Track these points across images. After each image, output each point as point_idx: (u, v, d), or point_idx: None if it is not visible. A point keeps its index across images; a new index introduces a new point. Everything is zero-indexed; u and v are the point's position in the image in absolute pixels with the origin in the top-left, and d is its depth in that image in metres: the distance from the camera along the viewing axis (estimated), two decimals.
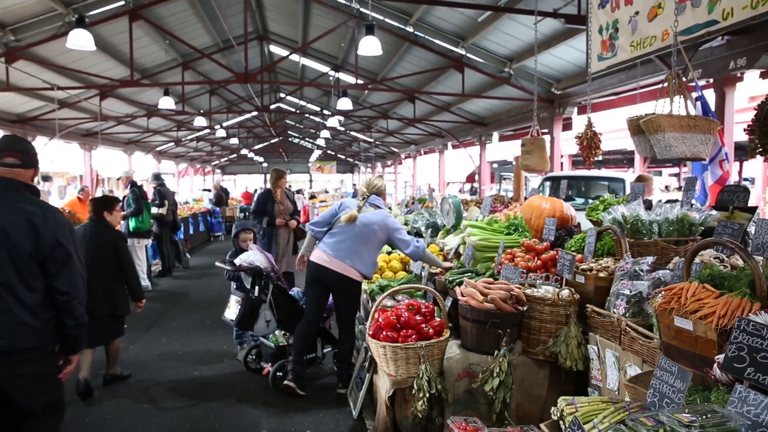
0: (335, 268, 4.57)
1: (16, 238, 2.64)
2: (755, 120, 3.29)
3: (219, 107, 20.22)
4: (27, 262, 2.65)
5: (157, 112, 15.61)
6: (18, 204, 2.70)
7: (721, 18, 4.43)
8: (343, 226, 4.65)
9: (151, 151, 23.49)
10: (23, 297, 2.64)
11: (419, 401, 3.60)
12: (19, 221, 2.66)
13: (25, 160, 2.83)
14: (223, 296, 5.57)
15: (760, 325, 2.06)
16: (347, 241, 4.62)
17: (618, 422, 2.20)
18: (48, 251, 2.69)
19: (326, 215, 4.84)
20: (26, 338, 2.64)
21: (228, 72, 11.70)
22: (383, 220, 4.73)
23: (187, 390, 5.12)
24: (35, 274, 2.68)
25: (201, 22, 11.93)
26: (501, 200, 7.31)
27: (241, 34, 11.16)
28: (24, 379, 2.67)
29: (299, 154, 40.31)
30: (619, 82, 8.53)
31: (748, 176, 16.72)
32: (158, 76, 13.39)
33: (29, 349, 2.65)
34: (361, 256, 4.64)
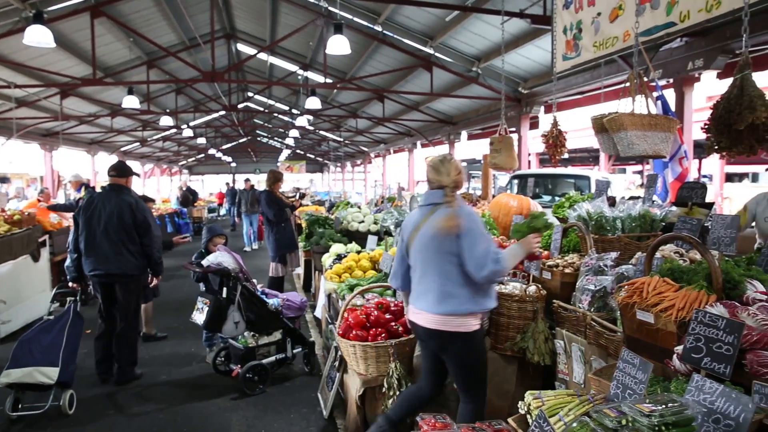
0: (421, 322, 3.14)
1: (124, 216, 5.03)
2: (711, 119, 3.39)
3: (185, 106, 19.88)
4: (130, 229, 5.05)
5: (122, 111, 15.28)
6: (121, 197, 5.11)
7: (679, 20, 4.56)
8: (413, 254, 3.20)
9: (116, 151, 22.95)
10: (129, 248, 5.07)
11: (390, 399, 3.61)
12: (124, 206, 5.04)
13: (120, 174, 5.27)
14: (191, 298, 5.48)
15: (716, 316, 2.13)
16: (422, 278, 3.14)
17: (583, 414, 2.24)
18: (140, 223, 5.09)
19: (396, 255, 3.42)
20: (131, 269, 5.10)
21: (194, 71, 11.51)
22: (438, 225, 3.05)
23: (154, 394, 5.02)
24: (134, 235, 5.08)
25: (166, 19, 11.70)
26: (469, 198, 7.38)
27: (208, 33, 11.00)
28: (129, 287, 5.15)
29: (268, 154, 39.95)
30: (584, 82, 8.70)
31: (706, 173, 17.26)
32: (122, 74, 13.10)
33: (132, 275, 5.13)
34: (449, 292, 3.01)
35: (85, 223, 5.07)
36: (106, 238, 5.00)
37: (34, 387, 4.34)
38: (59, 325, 4.65)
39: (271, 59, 15.98)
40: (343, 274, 5.84)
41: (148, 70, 13.34)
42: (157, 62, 13.57)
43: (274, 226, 7.71)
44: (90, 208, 5.09)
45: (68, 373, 4.46)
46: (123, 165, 5.39)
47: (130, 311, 5.22)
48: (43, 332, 4.57)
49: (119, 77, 13.14)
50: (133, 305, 5.25)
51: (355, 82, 13.98)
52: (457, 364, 3.13)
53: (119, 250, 5.01)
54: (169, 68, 14.63)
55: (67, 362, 4.44)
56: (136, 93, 13.08)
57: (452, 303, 3.00)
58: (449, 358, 3.14)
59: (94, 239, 5.03)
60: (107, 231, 5.00)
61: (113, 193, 5.13)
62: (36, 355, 4.37)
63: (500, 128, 7.12)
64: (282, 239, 7.75)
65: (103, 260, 5.02)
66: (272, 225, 7.72)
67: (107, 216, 5.02)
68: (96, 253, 5.02)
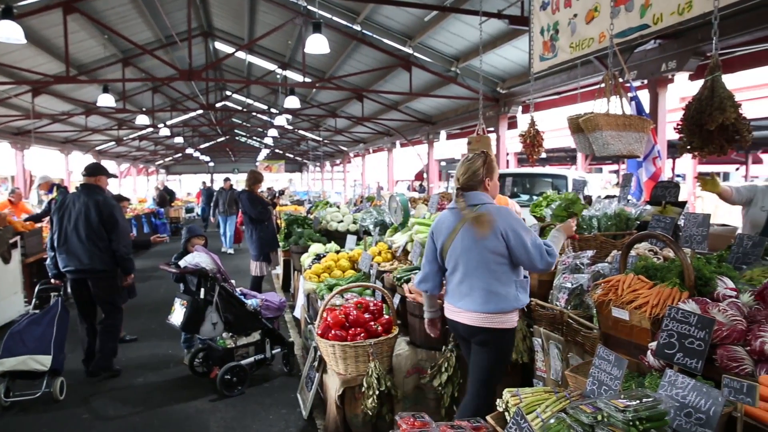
0: (464, 320, 3.16)
1: (91, 213, 5.21)
2: (683, 119, 3.45)
3: (162, 105, 19.61)
4: (98, 226, 5.21)
5: (96, 109, 14.99)
6: (90, 195, 5.29)
7: (652, 22, 4.64)
8: (452, 254, 3.19)
9: (91, 150, 22.55)
10: (98, 244, 5.23)
11: (369, 399, 3.62)
12: (91, 204, 5.23)
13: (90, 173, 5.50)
14: (168, 299, 5.41)
15: (688, 312, 2.17)
16: (465, 278, 3.14)
17: (560, 411, 2.27)
18: (106, 219, 5.24)
19: (426, 257, 3.40)
20: (101, 264, 5.24)
21: (171, 69, 11.36)
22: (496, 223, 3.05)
23: (130, 397, 4.95)
24: (102, 232, 5.23)
25: (142, 16, 11.53)
26: (448, 198, 7.40)
27: (185, 30, 10.87)
28: (100, 284, 5.31)
29: (246, 153, 39.63)
30: (561, 82, 8.80)
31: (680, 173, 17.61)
32: (97, 72, 12.86)
33: (103, 270, 5.27)
34: (492, 291, 3.07)
35: (58, 221, 5.32)
36: (76, 236, 5.23)
37: (27, 375, 4.67)
38: (48, 316, 4.93)
39: (249, 58, 15.85)
40: (322, 274, 5.83)
41: (124, 68, 13.13)
42: (132, 60, 13.37)
43: (257, 224, 7.68)
44: (62, 208, 5.36)
45: (59, 361, 4.79)
46: (93, 165, 5.68)
47: (108, 305, 5.44)
48: (33, 324, 4.85)
49: (94, 75, 12.90)
50: (108, 299, 5.43)
51: (335, 81, 13.95)
52: (492, 358, 3.16)
53: (88, 247, 5.21)
54: (146, 66, 14.41)
55: (57, 351, 4.77)
56: (112, 91, 12.87)
57: (499, 301, 3.07)
58: (487, 352, 3.16)
59: (66, 237, 5.26)
60: (77, 229, 5.23)
61: (83, 193, 5.36)
62: (29, 345, 4.69)
63: (478, 128, 7.17)
64: (265, 237, 7.75)
65: (74, 257, 5.24)
66: (255, 224, 7.68)
67: (76, 214, 5.26)
68: (67, 251, 5.26)
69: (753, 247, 3.10)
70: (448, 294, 3.29)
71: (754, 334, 2.17)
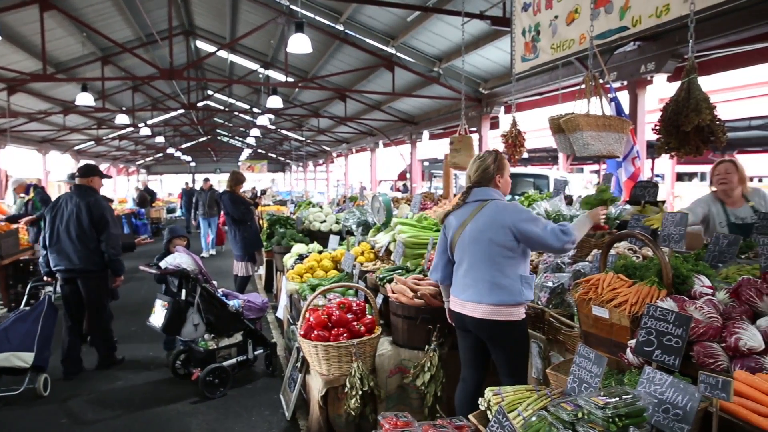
0: (471, 313, 3.18)
1: (82, 214, 5.29)
2: (661, 120, 3.50)
3: (143, 104, 19.37)
4: (89, 226, 5.29)
5: (75, 108, 14.74)
6: (82, 196, 5.38)
7: (631, 24, 4.70)
8: (459, 246, 3.25)
9: (69, 150, 22.21)
10: (89, 245, 5.31)
11: (352, 399, 3.61)
12: (83, 205, 5.31)
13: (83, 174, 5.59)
14: (149, 301, 5.34)
15: (666, 310, 2.21)
16: (470, 270, 3.20)
17: (541, 409, 2.29)
18: (97, 220, 5.31)
19: (438, 248, 3.47)
20: (90, 264, 5.34)
21: (152, 68, 11.22)
22: (497, 218, 3.12)
23: (109, 401, 4.88)
24: (93, 233, 5.31)
25: (121, 14, 11.37)
26: (431, 197, 7.44)
27: (166, 29, 10.75)
28: (89, 284, 5.40)
29: (229, 153, 39.33)
30: (543, 83, 8.87)
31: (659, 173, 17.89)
32: (75, 70, 12.67)
33: (93, 270, 5.37)
34: (498, 284, 3.10)
35: (50, 221, 5.44)
36: (67, 236, 5.34)
37: (10, 371, 4.73)
38: (34, 314, 4.98)
39: (231, 57, 15.73)
40: (304, 275, 5.81)
41: (103, 67, 12.93)
42: (112, 58, 13.17)
43: (240, 225, 7.63)
44: (55, 207, 5.50)
45: (43, 359, 4.88)
46: (87, 166, 5.76)
47: (95, 305, 5.51)
48: (18, 321, 4.90)
49: (72, 73, 12.70)
50: (96, 299, 5.51)
51: (317, 81, 13.90)
52: (506, 352, 3.18)
53: (79, 247, 5.32)
54: (126, 65, 14.23)
55: (41, 348, 4.85)
56: (91, 90, 12.67)
57: (502, 293, 3.09)
58: (499, 347, 3.18)
59: (57, 236, 5.37)
60: (68, 229, 5.34)
61: (76, 193, 5.46)
62: (13, 342, 4.74)
63: (460, 128, 7.19)
64: (249, 237, 7.72)
65: (65, 256, 5.35)
66: (238, 224, 7.63)
67: (68, 214, 5.37)
68: (58, 250, 5.37)
69: (728, 246, 3.17)
70: (454, 286, 3.34)
71: (729, 331, 2.22)
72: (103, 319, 5.60)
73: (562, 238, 3.08)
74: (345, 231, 7.29)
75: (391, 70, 11.27)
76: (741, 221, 4.08)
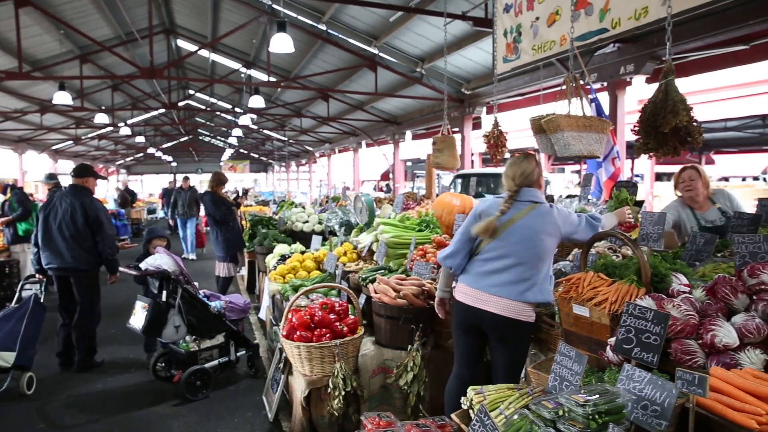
0: (493, 309, 3.12)
1: (76, 214, 5.34)
2: (640, 121, 3.56)
3: (123, 104, 19.12)
4: (83, 226, 5.36)
5: (52, 107, 14.50)
6: (76, 196, 5.43)
7: (611, 27, 4.76)
8: (501, 242, 3.18)
9: (46, 149, 21.84)
10: (82, 244, 5.37)
11: (335, 399, 3.60)
12: (77, 205, 5.36)
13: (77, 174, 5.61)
14: (129, 303, 5.27)
15: (645, 308, 2.24)
16: (514, 267, 3.13)
17: (523, 407, 2.31)
18: (92, 221, 5.38)
19: (461, 236, 3.35)
20: (84, 263, 5.39)
21: (132, 66, 11.08)
22: (551, 221, 3.17)
23: (88, 404, 4.80)
24: (87, 233, 5.38)
25: (100, 12, 11.21)
26: (413, 197, 7.45)
27: (146, 27, 10.63)
28: (82, 282, 5.45)
29: (210, 153, 39.01)
30: (524, 84, 8.95)
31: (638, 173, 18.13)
32: (52, 68, 12.45)
33: (85, 269, 5.42)
34: (534, 282, 3.11)
35: (44, 220, 5.48)
36: (60, 235, 5.39)
37: None
38: (19, 313, 4.96)
39: (212, 56, 15.61)
40: (287, 275, 5.78)
41: (82, 65, 12.74)
42: (91, 57, 12.97)
43: (222, 225, 7.59)
44: (48, 206, 5.56)
45: (26, 358, 4.88)
46: (82, 166, 5.78)
47: (86, 303, 5.52)
48: (3, 320, 4.89)
49: (49, 71, 12.47)
50: (87, 298, 5.53)
51: (300, 81, 13.85)
52: (513, 353, 3.16)
53: (72, 246, 5.37)
54: (105, 63, 14.03)
55: (25, 347, 4.85)
56: (69, 89, 12.46)
57: (538, 293, 3.10)
58: (508, 346, 3.16)
59: (50, 235, 5.43)
60: (61, 228, 5.39)
61: (71, 193, 5.50)
62: None
63: (443, 128, 7.22)
64: (232, 238, 7.71)
65: (58, 255, 5.41)
66: (220, 225, 7.59)
67: (62, 214, 5.43)
68: (51, 249, 5.43)
69: (705, 245, 3.22)
70: (477, 279, 3.22)
71: (706, 328, 2.26)
72: (92, 318, 5.60)
73: (596, 227, 3.28)
74: (328, 231, 7.27)
75: (373, 70, 11.28)
76: (711, 224, 4.14)
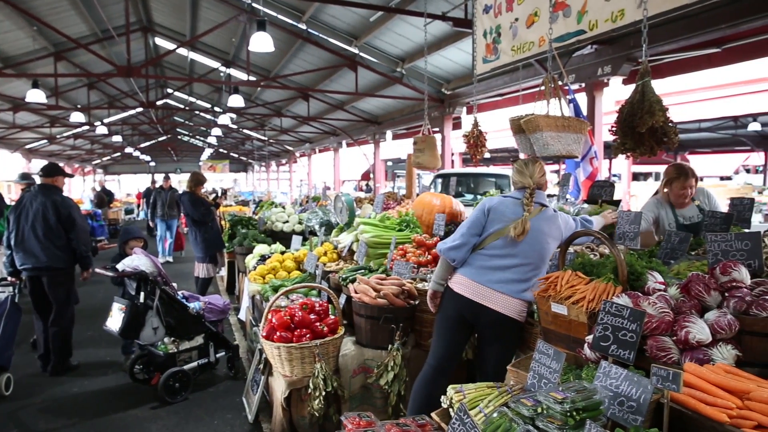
0: (493, 305, 3.15)
1: (48, 213, 5.32)
2: (617, 122, 3.61)
3: (99, 102, 18.78)
4: (55, 225, 5.33)
5: (25, 105, 14.20)
6: (48, 195, 5.40)
7: (588, 28, 4.82)
8: (507, 241, 3.20)
9: (20, 149, 21.40)
10: (55, 243, 5.34)
11: (315, 400, 3.59)
12: (48, 204, 5.34)
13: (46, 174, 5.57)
14: (106, 305, 5.19)
15: (621, 306, 2.27)
16: (521, 267, 3.19)
17: (502, 405, 2.33)
18: (65, 219, 5.35)
19: (468, 229, 3.34)
20: (58, 262, 5.35)
21: (108, 64, 10.89)
22: (557, 225, 3.28)
23: (63, 408, 4.71)
24: (60, 231, 5.35)
25: (75, 8, 10.99)
26: (394, 197, 7.46)
27: (122, 25, 10.45)
28: (56, 280, 5.40)
29: (189, 153, 38.59)
30: (504, 84, 9.02)
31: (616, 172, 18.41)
32: (25, 65, 12.19)
33: (59, 268, 5.37)
34: (534, 283, 3.15)
35: (15, 220, 5.44)
36: (33, 235, 5.36)
37: None
38: None
39: (191, 55, 15.43)
40: (267, 275, 5.75)
41: (56, 62, 12.49)
42: (66, 54, 12.72)
43: (201, 226, 7.52)
44: (19, 207, 5.51)
45: (5, 358, 4.90)
46: (50, 165, 5.73)
47: (60, 303, 5.48)
48: None
49: (22, 69, 12.21)
50: (62, 297, 5.49)
51: (280, 80, 13.77)
52: (504, 350, 3.19)
53: (46, 246, 5.33)
54: (80, 61, 13.77)
55: (3, 348, 4.86)
56: (43, 86, 12.23)
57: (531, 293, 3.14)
58: (500, 343, 3.20)
59: (23, 235, 5.37)
60: (34, 227, 5.37)
61: (41, 193, 5.47)
62: None
63: (423, 128, 7.24)
64: (210, 238, 7.65)
65: (31, 255, 5.35)
66: (199, 225, 7.52)
67: (34, 214, 5.39)
68: (24, 249, 5.37)
69: (680, 243, 3.28)
70: (480, 273, 3.22)
71: (680, 325, 2.30)
72: (66, 317, 5.54)
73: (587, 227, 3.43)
74: (308, 231, 7.25)
75: (354, 69, 11.26)
76: (689, 221, 4.23)
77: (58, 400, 4.88)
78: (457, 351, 3.36)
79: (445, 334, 3.34)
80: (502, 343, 3.20)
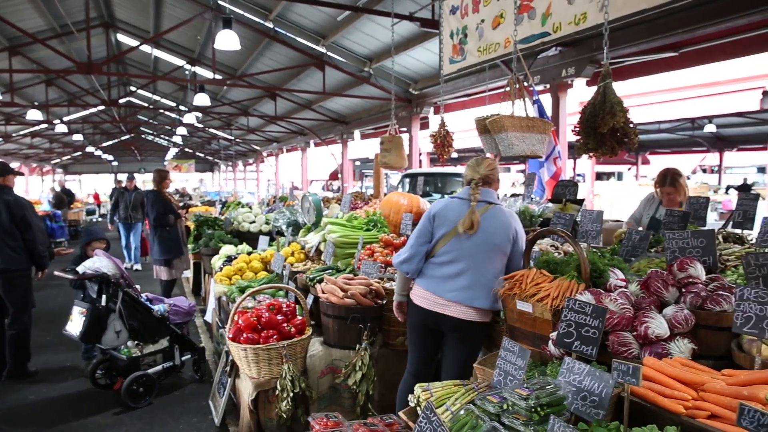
0: (453, 313, 3.13)
1: (2, 215, 5.18)
2: (580, 122, 3.68)
3: (58, 99, 18.22)
4: (9, 226, 5.19)
5: None
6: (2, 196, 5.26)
7: (552, 30, 4.92)
8: (454, 245, 3.17)
9: None
10: (9, 244, 5.20)
11: (283, 401, 3.57)
12: (2, 205, 5.21)
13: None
14: (66, 308, 5.04)
15: (584, 303, 2.32)
16: (468, 272, 3.14)
17: (468, 402, 2.35)
18: (18, 220, 5.23)
19: (416, 239, 3.30)
20: (13, 263, 5.20)
21: (68, 61, 10.57)
22: (510, 225, 3.22)
23: (20, 416, 4.56)
24: (14, 232, 5.22)
25: (31, 2, 10.63)
26: (361, 197, 7.45)
27: (83, 20, 10.15)
28: (13, 282, 5.25)
29: (154, 152, 37.82)
30: (470, 85, 9.10)
31: (580, 172, 18.81)
32: None
33: (14, 269, 5.23)
34: (486, 285, 3.12)
35: None
36: None
37: None
38: None
39: (155, 52, 15.11)
40: (233, 276, 5.68)
41: (11, 57, 12.02)
42: (21, 49, 12.27)
43: (157, 228, 7.34)
44: None
45: None
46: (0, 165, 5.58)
47: (17, 306, 5.33)
48: None
49: None
50: (19, 300, 5.34)
51: (246, 79, 13.61)
52: (468, 352, 3.18)
53: (1, 247, 5.18)
54: (37, 56, 13.32)
55: None
56: None
57: (493, 298, 3.11)
58: (465, 346, 3.18)
59: None
60: None
61: None
62: None
63: (390, 128, 7.26)
64: (166, 243, 7.43)
65: None
66: (157, 227, 7.35)
67: None
68: None
69: (640, 241, 3.37)
70: (435, 284, 3.20)
71: (640, 320, 2.37)
72: (23, 321, 5.37)
73: None
74: (275, 231, 7.18)
75: (321, 69, 11.21)
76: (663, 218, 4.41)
77: (14, 408, 4.71)
78: (430, 355, 3.37)
79: (417, 342, 3.36)
80: (468, 345, 3.20)
